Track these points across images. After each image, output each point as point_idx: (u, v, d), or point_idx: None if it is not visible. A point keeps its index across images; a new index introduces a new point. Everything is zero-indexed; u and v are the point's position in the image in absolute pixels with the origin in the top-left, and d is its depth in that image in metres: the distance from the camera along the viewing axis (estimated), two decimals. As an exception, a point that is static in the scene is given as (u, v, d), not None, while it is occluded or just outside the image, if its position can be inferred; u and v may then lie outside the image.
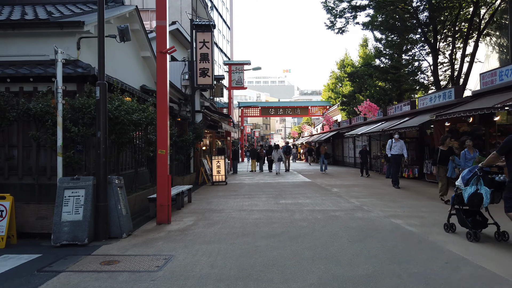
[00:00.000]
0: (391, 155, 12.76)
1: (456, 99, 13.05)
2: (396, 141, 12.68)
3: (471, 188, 5.41)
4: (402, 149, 12.51)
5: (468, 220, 5.53)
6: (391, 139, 13.10)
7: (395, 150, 12.56)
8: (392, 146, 12.67)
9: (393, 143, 12.68)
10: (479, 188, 5.34)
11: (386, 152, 13.15)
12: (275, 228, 6.41)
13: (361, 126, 23.37)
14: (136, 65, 10.52)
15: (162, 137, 6.80)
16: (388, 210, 8.16)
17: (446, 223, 6.04)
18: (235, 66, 24.26)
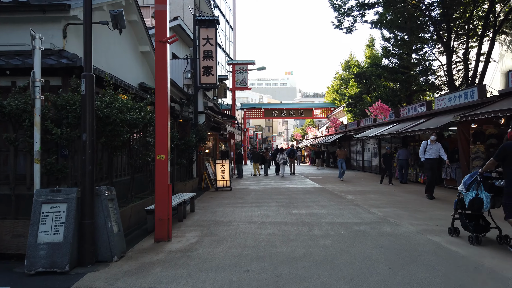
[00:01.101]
0: (424, 159, 10.93)
1: (480, 99, 12.05)
2: (432, 143, 10.79)
3: (472, 193, 5.59)
4: (438, 152, 10.75)
5: (471, 224, 5.70)
6: (425, 140, 11.16)
7: (430, 154, 10.76)
8: (426, 149, 10.88)
9: (428, 146, 10.85)
10: (479, 193, 5.51)
11: (420, 155, 11.16)
12: (295, 248, 5.42)
13: (370, 128, 22.38)
14: (134, 60, 9.56)
15: (161, 140, 5.83)
16: (418, 224, 7.16)
17: (450, 227, 6.21)
18: (239, 66, 23.30)
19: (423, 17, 20.19)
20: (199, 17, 14.26)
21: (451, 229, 6.19)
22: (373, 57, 31.37)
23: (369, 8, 20.97)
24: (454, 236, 6.05)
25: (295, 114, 40.91)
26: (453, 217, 6.09)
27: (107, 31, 7.64)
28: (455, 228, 6.11)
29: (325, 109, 39.82)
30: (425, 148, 10.87)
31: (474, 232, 5.59)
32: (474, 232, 5.59)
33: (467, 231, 5.75)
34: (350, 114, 31.92)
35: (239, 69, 23.23)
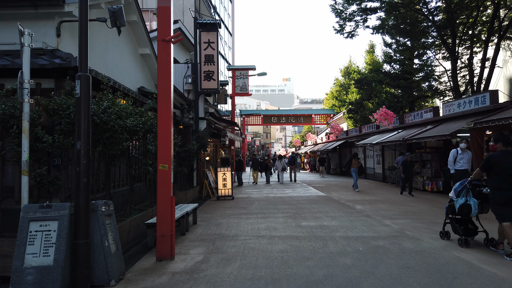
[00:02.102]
0: (455, 170, 9.58)
1: (493, 105, 11.62)
2: (463, 151, 9.65)
3: (462, 200, 6.03)
4: (470, 162, 9.62)
5: (460, 228, 6.14)
6: (455, 149, 9.84)
7: (460, 164, 9.54)
8: (457, 159, 9.62)
9: (459, 155, 9.65)
10: (468, 200, 5.96)
11: (449, 166, 9.76)
12: (313, 269, 4.88)
13: (373, 135, 21.95)
14: (133, 63, 9.05)
15: (164, 148, 5.30)
16: (439, 237, 6.65)
17: (442, 231, 6.66)
18: (239, 72, 22.83)
19: (426, 22, 19.87)
20: (200, 20, 13.81)
21: (442, 233, 6.65)
22: (374, 63, 31.05)
23: (371, 13, 20.67)
24: (446, 239, 6.50)
25: (294, 120, 40.44)
26: (445, 221, 6.60)
27: (105, 32, 7.15)
28: (446, 232, 6.59)
29: (324, 116, 39.41)
30: (455, 157, 9.66)
31: (463, 235, 6.05)
32: (464, 235, 6.05)
33: (457, 235, 6.20)
34: (351, 121, 31.50)
35: (240, 74, 22.75)
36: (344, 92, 38.04)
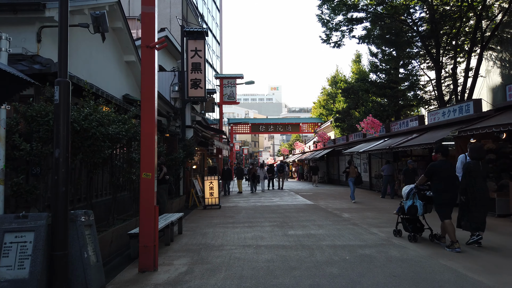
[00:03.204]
0: None
1: (476, 114, 11.79)
2: None
3: (409, 202, 7.00)
4: None
5: (410, 226, 7.07)
6: (463, 154, 8.79)
7: None
8: None
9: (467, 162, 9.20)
10: (415, 201, 6.92)
11: (457, 173, 8.65)
12: (299, 279, 4.79)
13: (360, 143, 22.09)
14: (118, 71, 8.93)
15: (147, 156, 5.19)
16: (427, 246, 6.64)
17: (395, 229, 7.58)
18: (227, 80, 22.81)
19: (411, 33, 20.21)
20: (187, 28, 13.77)
21: (395, 231, 7.59)
22: (360, 72, 31.44)
23: (357, 24, 20.94)
24: (398, 236, 7.41)
25: (282, 129, 40.57)
26: (397, 221, 7.51)
27: (89, 39, 7.04)
28: (399, 230, 7.52)
29: (312, 124, 39.62)
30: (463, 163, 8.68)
31: (412, 232, 6.99)
32: (412, 232, 6.99)
33: (407, 232, 7.14)
34: (338, 129, 31.71)
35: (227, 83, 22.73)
36: (331, 101, 38.35)
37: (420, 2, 19.11)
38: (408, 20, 19.91)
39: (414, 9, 20.14)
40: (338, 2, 19.98)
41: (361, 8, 20.05)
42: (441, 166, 6.54)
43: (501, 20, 16.64)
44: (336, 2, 20.01)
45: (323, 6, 20.41)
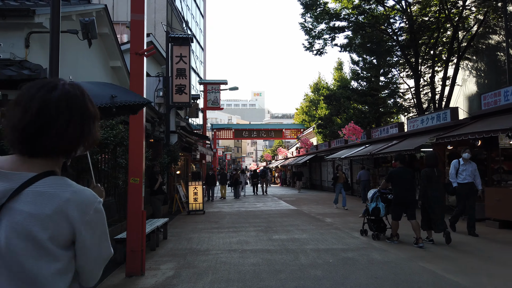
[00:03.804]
0: (457, 184, 8.31)
1: (453, 121, 12.25)
2: (466, 162, 8.32)
3: (373, 204, 7.80)
4: (474, 175, 8.25)
5: (374, 226, 7.86)
6: (456, 159, 8.59)
7: (463, 177, 8.24)
8: (459, 171, 8.35)
9: (461, 166, 8.34)
10: (378, 204, 7.72)
11: (450, 179, 8.56)
12: (284, 281, 4.93)
13: (342, 149, 22.47)
14: (103, 76, 8.95)
15: (136, 162, 5.26)
16: (406, 249, 6.88)
17: (361, 229, 8.31)
18: (211, 86, 22.91)
19: (391, 42, 20.79)
20: (172, 34, 13.85)
21: (362, 231, 8.32)
22: (342, 80, 32.03)
23: (339, 32, 21.41)
24: (364, 236, 8.12)
25: (265, 134, 40.77)
26: (363, 222, 8.23)
27: (76, 44, 7.06)
28: (365, 230, 8.26)
29: (295, 130, 39.97)
30: (457, 169, 8.41)
31: (376, 231, 7.78)
32: (376, 231, 7.78)
33: (372, 231, 7.90)
34: (320, 135, 32.14)
35: (211, 89, 22.82)
36: (313, 108, 38.86)
37: (400, 13, 19.72)
38: (388, 30, 20.50)
39: (394, 19, 20.78)
40: (320, 11, 20.41)
41: (343, 17, 20.53)
42: (398, 172, 7.41)
43: (477, 31, 17.35)
44: (318, 11, 20.43)
45: (306, 15, 20.80)
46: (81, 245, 1.12)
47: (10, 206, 1.04)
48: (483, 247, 6.91)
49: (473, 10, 17.73)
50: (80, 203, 1.09)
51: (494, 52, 18.30)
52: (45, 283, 1.05)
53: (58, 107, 1.08)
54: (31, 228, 1.03)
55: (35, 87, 1.10)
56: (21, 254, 1.02)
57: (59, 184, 1.10)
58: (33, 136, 1.06)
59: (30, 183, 1.06)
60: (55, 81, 1.15)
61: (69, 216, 1.07)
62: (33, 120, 1.05)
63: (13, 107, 1.09)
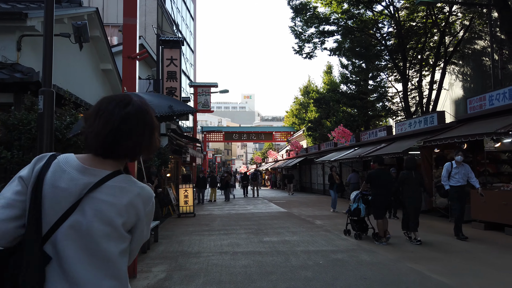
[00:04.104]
0: (450, 187, 8.18)
1: (440, 125, 12.50)
2: (458, 165, 8.12)
3: (355, 205, 8.21)
4: (467, 176, 8.12)
5: (356, 226, 8.27)
6: (449, 162, 8.43)
7: (456, 180, 8.08)
8: (451, 174, 8.17)
9: (453, 169, 8.15)
10: (359, 205, 8.13)
11: (442, 182, 8.47)
12: (276, 283, 5.00)
13: (331, 152, 22.66)
14: (94, 78, 8.93)
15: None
16: (394, 250, 7.02)
17: (345, 229, 8.72)
18: (202, 89, 22.94)
19: (380, 46, 21.08)
20: (163, 37, 13.87)
21: (345, 231, 8.73)
22: (331, 83, 32.27)
23: (328, 36, 21.63)
24: (347, 235, 8.52)
25: (256, 137, 40.87)
26: (347, 222, 8.69)
27: (66, 46, 7.06)
28: (348, 230, 8.67)
29: (285, 133, 40.16)
30: (449, 172, 8.27)
31: (358, 231, 8.20)
32: (358, 231, 8.19)
33: (354, 230, 8.33)
34: (310, 138, 32.34)
35: (202, 91, 22.86)
36: (303, 111, 39.07)
37: (388, 18, 20.04)
38: (377, 34, 20.79)
39: (383, 24, 21.10)
40: (310, 15, 20.63)
41: (333, 21, 20.78)
42: (376, 174, 7.83)
43: (463, 36, 17.71)
44: (308, 15, 20.64)
45: (296, 19, 21.00)
46: (139, 231, 1.39)
47: (92, 196, 1.27)
48: (469, 248, 7.08)
49: (459, 16, 18.11)
50: (145, 197, 1.37)
51: (479, 57, 18.71)
52: (114, 260, 1.29)
53: (133, 121, 1.34)
54: (111, 214, 1.27)
55: (113, 103, 1.35)
56: (98, 235, 1.25)
57: (129, 181, 1.35)
58: (112, 143, 1.31)
59: (108, 178, 1.30)
60: (128, 97, 1.39)
61: (137, 207, 1.34)
62: (114, 131, 1.30)
63: (94, 118, 1.33)
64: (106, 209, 1.27)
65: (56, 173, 1.28)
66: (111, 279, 1.28)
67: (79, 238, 1.25)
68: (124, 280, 1.33)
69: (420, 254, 6.68)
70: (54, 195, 1.25)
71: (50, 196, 1.25)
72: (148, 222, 1.41)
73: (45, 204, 1.25)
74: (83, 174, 1.28)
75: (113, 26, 18.03)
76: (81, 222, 1.25)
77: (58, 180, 1.27)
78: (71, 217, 1.25)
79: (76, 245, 1.24)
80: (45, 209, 1.25)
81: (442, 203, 11.45)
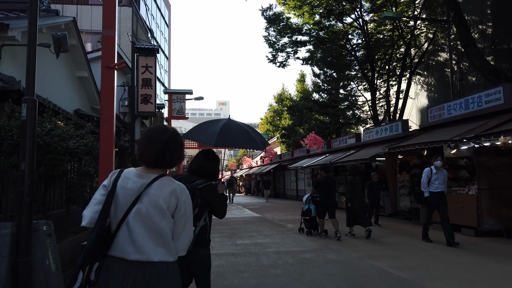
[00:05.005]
0: (429, 193, 8.05)
1: (404, 132, 13.25)
2: (438, 170, 8.07)
3: (306, 206, 9.48)
4: (445, 182, 8.15)
5: (308, 225, 9.54)
6: (429, 167, 8.29)
7: (437, 185, 7.96)
8: (431, 180, 8.04)
9: (433, 175, 8.05)
10: (310, 206, 9.38)
11: (422, 189, 8.24)
12: (247, 280, 5.35)
13: (304, 159, 23.28)
14: (70, 86, 9.06)
15: (106, 169, 5.50)
16: (359, 250, 7.50)
17: (299, 227, 10.06)
18: (176, 95, 23.05)
19: (350, 57, 21.95)
20: (138, 45, 14.04)
21: (300, 229, 9.99)
22: (304, 91, 33.10)
23: (301, 46, 22.34)
24: (301, 233, 9.77)
25: (230, 144, 41.05)
26: (301, 221, 9.97)
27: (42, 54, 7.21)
28: (302, 228, 9.91)
29: (259, 140, 40.57)
30: (429, 178, 8.09)
31: (309, 229, 9.47)
32: (309, 229, 9.46)
33: (306, 228, 9.55)
34: (284, 145, 32.96)
35: (176, 98, 22.96)
36: (277, 118, 39.75)
37: (357, 30, 20.93)
38: (347, 45, 21.65)
39: (352, 35, 21.99)
40: (283, 25, 21.28)
41: (305, 32, 21.50)
42: (322, 180, 9.15)
43: (427, 48, 18.76)
44: (282, 25, 21.29)
45: (270, 29, 21.60)
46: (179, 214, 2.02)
47: (147, 191, 1.97)
48: (428, 248, 7.65)
49: (423, 30, 19.18)
50: (181, 190, 2.04)
51: (442, 68, 19.83)
52: (164, 234, 1.95)
53: (170, 144, 2.07)
54: (159, 202, 1.95)
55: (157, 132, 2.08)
56: (154, 216, 1.93)
57: (169, 179, 2.06)
58: (159, 159, 2.04)
59: (156, 179, 2.00)
60: (166, 128, 2.13)
61: (175, 196, 2.00)
62: (159, 151, 2.03)
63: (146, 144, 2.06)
64: (156, 199, 1.94)
65: (124, 179, 2.00)
66: (162, 247, 1.94)
67: (141, 219, 1.92)
68: (172, 248, 1.98)
69: (382, 253, 7.19)
70: (124, 193, 1.96)
71: (122, 194, 1.95)
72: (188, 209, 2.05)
73: (119, 199, 1.95)
74: (140, 178, 1.99)
75: (87, 32, 18.01)
76: (141, 209, 1.93)
77: (125, 184, 1.98)
78: (136, 206, 1.93)
79: (140, 224, 1.92)
80: (120, 202, 1.95)
81: (406, 206, 12.14)
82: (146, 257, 1.89)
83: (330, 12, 20.00)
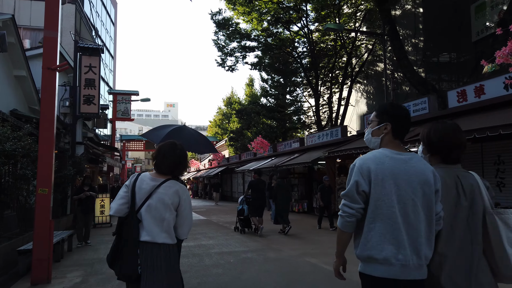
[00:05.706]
0: None
1: (343, 137, 14.06)
2: None
3: (240, 206, 10.37)
4: None
5: (242, 223, 10.46)
6: None
7: None
8: None
9: None
10: (243, 206, 10.29)
11: None
12: (189, 279, 5.52)
13: (251, 162, 23.69)
14: (5, 85, 8.65)
15: (45, 173, 5.43)
16: (298, 249, 7.94)
17: (235, 226, 10.94)
18: (122, 96, 22.49)
19: (296, 64, 22.77)
20: (81, 44, 13.63)
21: (235, 228, 10.89)
22: (253, 96, 33.62)
23: (249, 51, 22.79)
24: (237, 231, 10.65)
25: (178, 147, 40.52)
26: (236, 221, 10.86)
27: (-23, 52, 6.90)
28: (237, 227, 10.76)
29: (207, 143, 40.48)
30: None
31: (243, 227, 10.43)
32: (243, 227, 10.42)
33: (240, 227, 10.50)
34: (232, 148, 33.24)
35: (122, 99, 22.40)
36: (226, 121, 39.93)
37: (303, 38, 21.79)
38: (293, 53, 22.45)
39: (299, 43, 22.82)
40: (232, 30, 21.59)
41: (254, 38, 21.97)
42: (255, 183, 10.21)
43: (367, 58, 19.99)
44: (231, 30, 21.59)
45: (219, 33, 21.82)
46: (182, 208, 2.72)
47: (156, 191, 2.66)
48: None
49: (363, 41, 20.41)
50: (182, 189, 2.75)
51: (380, 78, 21.16)
52: (169, 222, 2.65)
53: (180, 157, 2.81)
54: (165, 199, 2.65)
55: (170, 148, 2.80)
56: (160, 209, 2.62)
57: (174, 182, 2.75)
58: (171, 168, 2.78)
59: (164, 182, 2.70)
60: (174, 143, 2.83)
61: (178, 194, 2.70)
62: (171, 163, 2.76)
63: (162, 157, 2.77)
64: (163, 197, 2.64)
65: (140, 181, 2.72)
66: (165, 232, 2.62)
67: (151, 211, 2.61)
68: (173, 234, 2.67)
69: (319, 250, 7.68)
70: (139, 192, 2.67)
71: (138, 192, 2.66)
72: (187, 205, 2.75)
73: (136, 196, 2.65)
74: (152, 181, 2.70)
75: (26, 28, 17.09)
76: (151, 203, 2.62)
77: (141, 185, 2.69)
78: (147, 202, 2.63)
79: (150, 215, 2.61)
80: (136, 199, 2.65)
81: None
82: (152, 239, 2.56)
83: (277, 20, 20.63)
